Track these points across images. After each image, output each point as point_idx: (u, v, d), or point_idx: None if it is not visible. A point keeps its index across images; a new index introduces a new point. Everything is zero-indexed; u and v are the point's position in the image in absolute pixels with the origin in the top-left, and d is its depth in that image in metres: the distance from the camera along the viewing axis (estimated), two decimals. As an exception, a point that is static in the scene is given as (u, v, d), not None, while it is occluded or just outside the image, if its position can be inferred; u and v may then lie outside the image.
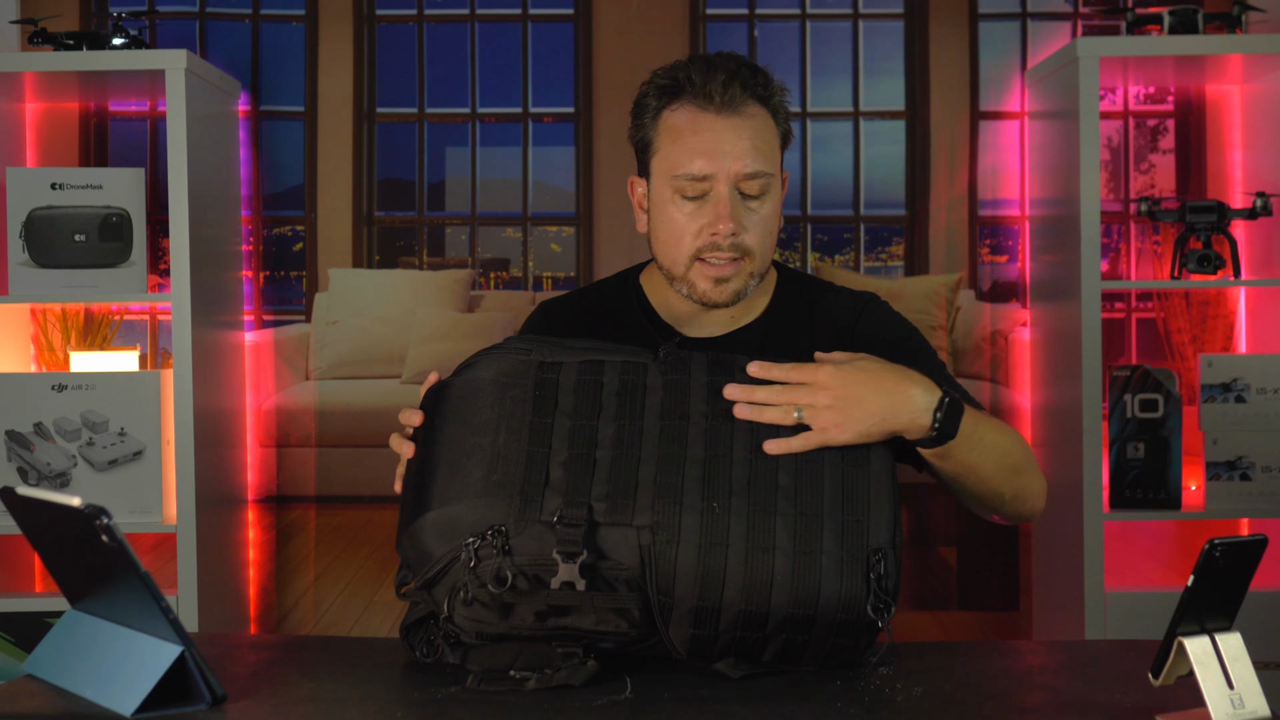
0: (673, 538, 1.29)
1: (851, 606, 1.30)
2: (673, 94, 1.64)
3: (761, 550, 1.29)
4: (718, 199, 1.60)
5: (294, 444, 2.89)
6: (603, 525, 1.30)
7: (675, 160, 1.62)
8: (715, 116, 1.61)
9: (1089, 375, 2.53)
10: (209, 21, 2.91)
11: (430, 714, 1.24)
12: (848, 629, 1.31)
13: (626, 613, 1.30)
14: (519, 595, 1.29)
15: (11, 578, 2.74)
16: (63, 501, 1.21)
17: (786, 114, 1.69)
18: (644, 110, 1.67)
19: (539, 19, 2.93)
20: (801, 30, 2.92)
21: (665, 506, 1.30)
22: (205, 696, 1.24)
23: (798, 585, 1.29)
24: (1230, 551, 1.15)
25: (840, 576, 1.29)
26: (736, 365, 1.41)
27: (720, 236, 1.60)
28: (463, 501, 1.32)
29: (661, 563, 1.29)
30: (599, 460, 1.33)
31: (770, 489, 1.32)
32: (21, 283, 2.58)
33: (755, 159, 1.61)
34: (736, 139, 1.60)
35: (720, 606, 1.29)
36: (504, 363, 1.40)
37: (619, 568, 1.29)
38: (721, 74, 1.61)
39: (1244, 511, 2.60)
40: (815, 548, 1.30)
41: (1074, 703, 1.26)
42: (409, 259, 2.92)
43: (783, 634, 1.31)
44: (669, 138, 1.64)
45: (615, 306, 1.76)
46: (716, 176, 1.60)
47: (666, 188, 1.64)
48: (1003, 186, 2.90)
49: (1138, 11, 2.65)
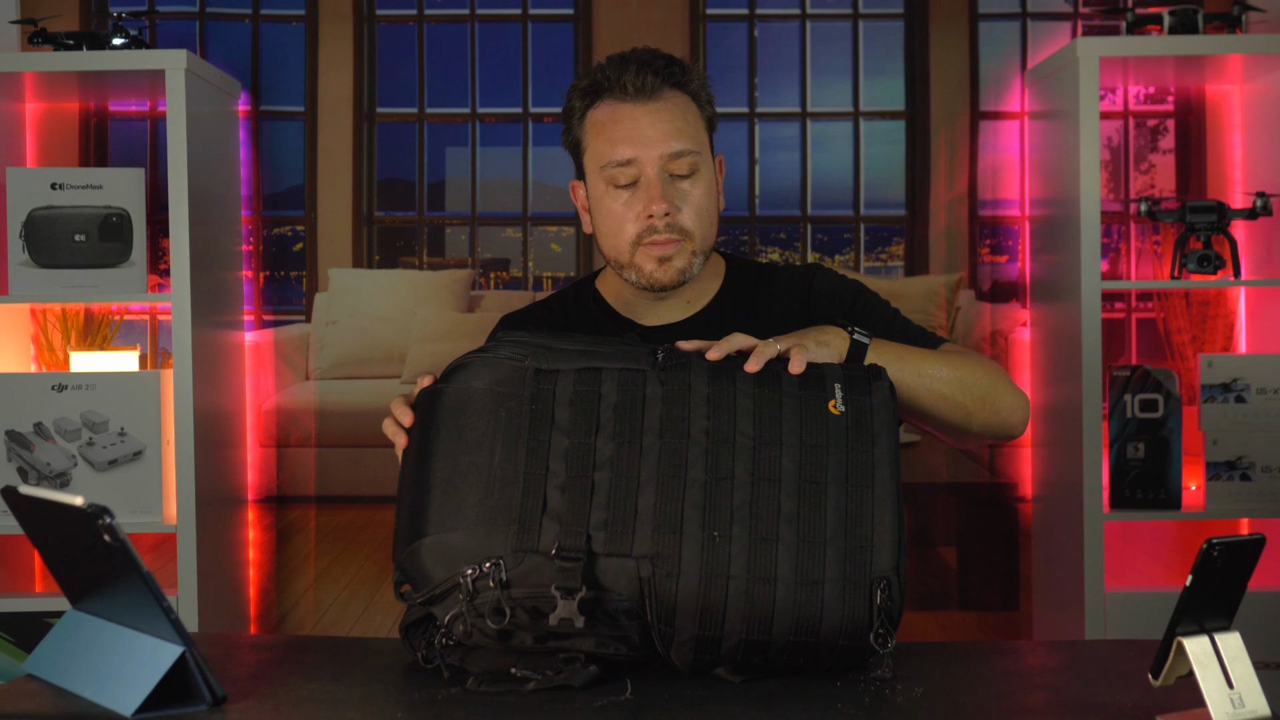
0: (672, 570, 1.27)
1: (854, 634, 1.29)
2: (594, 94, 1.71)
3: (763, 581, 1.27)
4: (648, 183, 1.67)
5: (294, 444, 2.89)
6: (601, 556, 1.28)
7: (601, 152, 1.69)
8: (633, 105, 1.68)
9: (1089, 375, 2.53)
10: (209, 21, 2.91)
11: (430, 715, 1.24)
12: (849, 654, 1.31)
13: (627, 639, 1.30)
14: (518, 626, 1.30)
15: (11, 578, 2.74)
16: (65, 501, 1.21)
17: (709, 99, 1.75)
18: (571, 114, 1.74)
19: (539, 19, 2.93)
20: (801, 30, 2.92)
21: (665, 536, 1.28)
22: (205, 697, 1.24)
23: (799, 614, 1.28)
24: (1228, 551, 1.15)
25: (843, 605, 1.28)
26: (738, 378, 1.37)
27: (656, 219, 1.66)
28: (459, 530, 1.29)
29: (661, 594, 1.27)
30: (597, 484, 1.30)
31: (772, 514, 1.30)
32: (21, 283, 2.58)
33: (678, 139, 1.67)
34: (655, 122, 1.67)
35: (721, 635, 1.28)
36: (498, 370, 1.36)
37: (618, 599, 1.28)
38: (633, 65, 1.68)
39: (1244, 511, 2.60)
40: (818, 577, 1.28)
41: (1074, 703, 1.26)
42: (409, 259, 2.92)
43: (784, 657, 1.31)
44: (594, 133, 1.71)
45: (574, 309, 1.81)
46: (641, 160, 1.66)
47: (600, 181, 1.70)
48: (1003, 186, 2.90)
49: (1138, 11, 2.65)
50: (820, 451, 1.33)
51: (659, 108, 1.68)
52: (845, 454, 1.33)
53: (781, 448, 1.32)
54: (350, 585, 2.89)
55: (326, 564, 2.89)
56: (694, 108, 1.71)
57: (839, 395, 1.36)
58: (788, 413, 1.34)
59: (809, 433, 1.33)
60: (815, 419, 1.34)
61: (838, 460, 1.32)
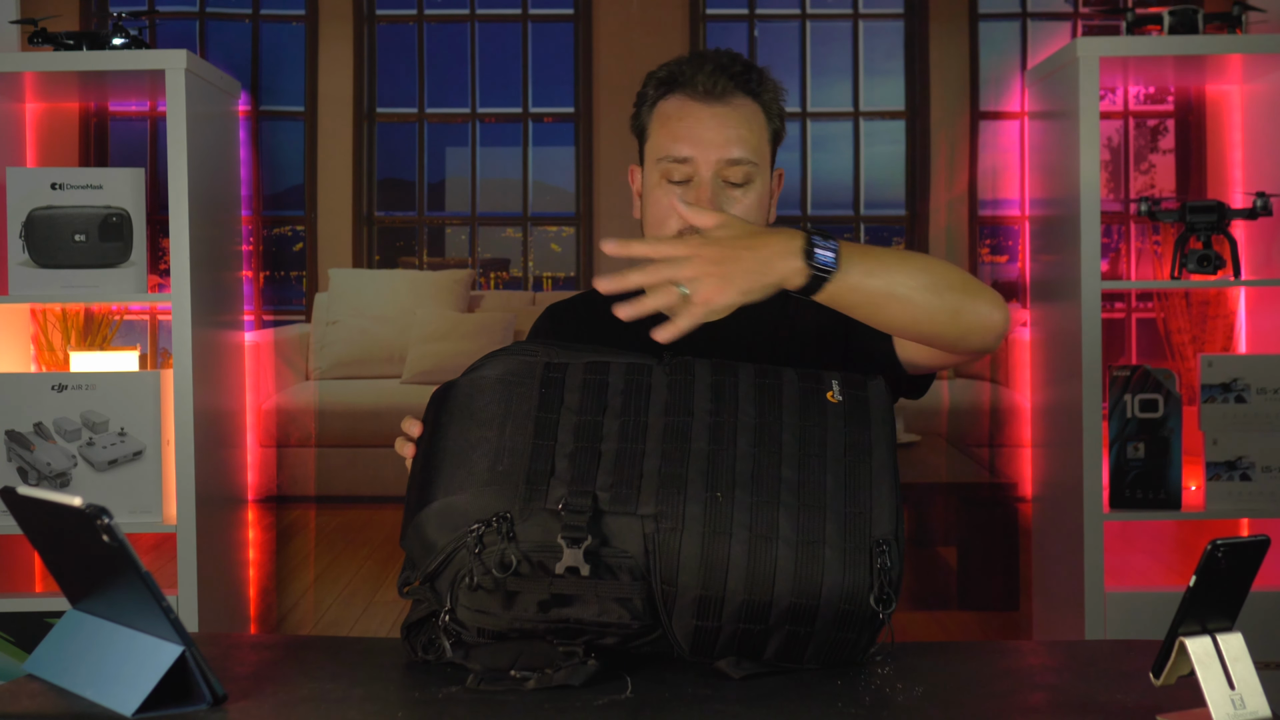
0: (676, 525, 1.30)
1: (854, 597, 1.30)
2: (668, 85, 1.72)
3: (765, 539, 1.30)
4: (699, 184, 1.67)
5: (294, 444, 2.89)
6: (607, 513, 1.31)
7: (661, 144, 1.70)
8: (701, 105, 1.69)
9: (1089, 375, 2.54)
10: (209, 21, 2.91)
11: (430, 714, 1.24)
12: (850, 621, 1.31)
13: (629, 603, 1.30)
14: (522, 582, 1.30)
15: (11, 578, 2.74)
16: (64, 501, 1.21)
17: (780, 112, 1.75)
18: (643, 100, 1.76)
19: (539, 19, 2.93)
20: (801, 30, 2.92)
21: (669, 496, 1.31)
22: (206, 696, 1.24)
23: (801, 575, 1.30)
24: (1233, 552, 1.15)
25: (843, 567, 1.30)
26: (740, 370, 1.43)
27: None
28: (468, 491, 1.32)
29: (665, 550, 1.30)
30: (604, 453, 1.34)
31: (774, 481, 1.33)
32: (21, 283, 2.58)
33: (738, 147, 1.68)
34: (720, 126, 1.68)
35: (724, 596, 1.30)
36: (510, 363, 1.42)
37: (623, 555, 1.30)
38: (710, 65, 1.69)
39: (1244, 511, 2.60)
40: (818, 537, 1.31)
41: (1074, 703, 1.26)
42: (409, 259, 2.92)
43: (785, 626, 1.31)
44: (658, 124, 1.72)
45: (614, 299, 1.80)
46: (698, 160, 1.67)
47: (655, 171, 1.71)
48: (1003, 186, 2.90)
49: (1138, 11, 2.65)
50: (819, 430, 1.38)
51: (726, 112, 1.69)
52: (843, 434, 1.38)
53: (782, 426, 1.38)
54: (350, 585, 2.88)
55: (326, 564, 2.89)
56: (762, 118, 1.72)
57: (836, 388, 1.42)
58: (787, 400, 1.40)
59: (809, 415, 1.39)
60: (814, 404, 1.40)
61: (836, 439, 1.38)
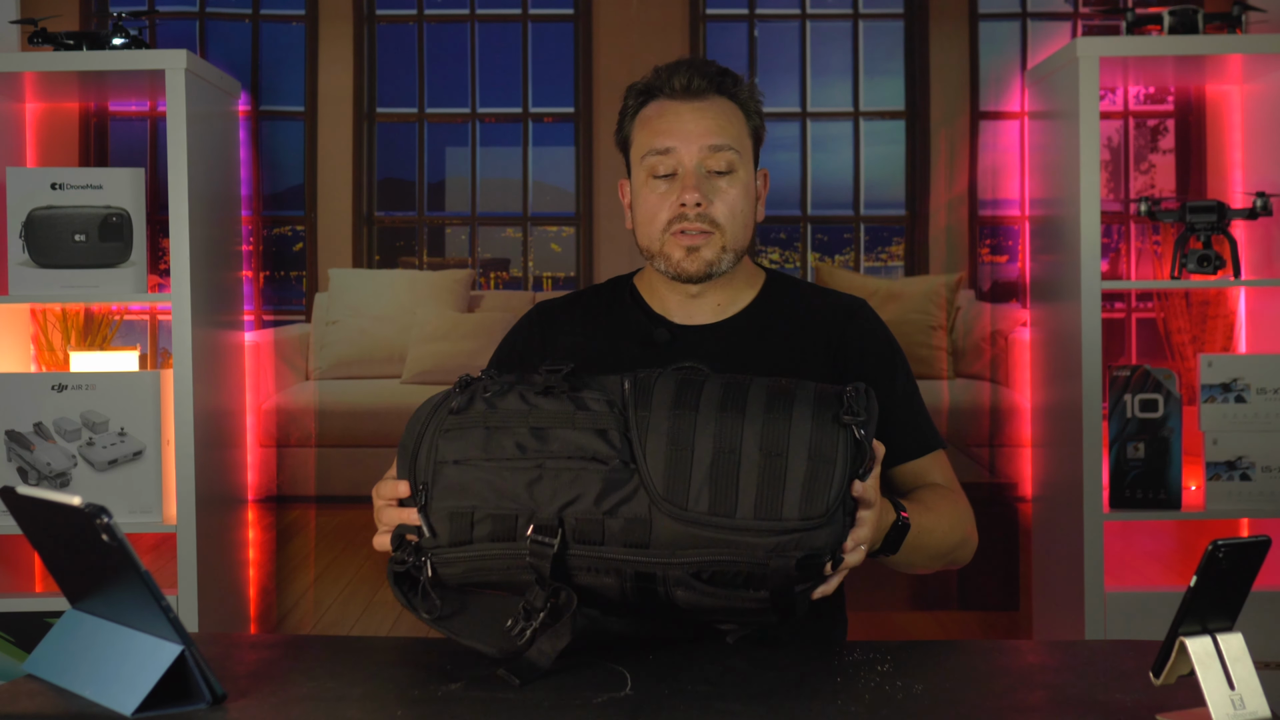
0: (645, 403, 1.39)
1: (823, 449, 1.35)
2: (647, 94, 1.81)
3: (732, 411, 1.38)
4: (684, 173, 1.75)
5: (294, 444, 2.89)
6: (586, 379, 1.44)
7: (644, 143, 1.78)
8: (679, 103, 1.77)
9: (1089, 375, 2.54)
10: (209, 21, 2.91)
11: (430, 713, 1.24)
12: (819, 480, 1.33)
13: (605, 434, 1.37)
14: (501, 416, 1.40)
15: (11, 578, 2.74)
16: (63, 501, 1.21)
17: (758, 110, 1.83)
18: (625, 113, 1.84)
19: (539, 19, 2.93)
20: (801, 30, 2.92)
21: (639, 401, 1.41)
22: (205, 696, 1.24)
23: (767, 430, 1.36)
24: (1233, 552, 1.15)
25: (811, 422, 1.36)
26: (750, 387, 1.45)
27: (688, 207, 1.73)
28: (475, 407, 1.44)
29: (639, 394, 1.40)
30: None
31: (738, 419, 1.38)
32: (21, 283, 2.58)
33: (718, 135, 1.75)
34: (698, 118, 1.76)
35: (693, 447, 1.35)
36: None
37: (602, 396, 1.40)
38: (685, 67, 1.78)
39: (1244, 512, 2.60)
40: (788, 412, 1.37)
41: (1074, 702, 1.26)
42: (409, 259, 2.92)
43: (754, 490, 1.33)
44: (640, 128, 1.80)
45: (610, 301, 1.89)
46: (680, 151, 1.75)
47: (641, 172, 1.78)
48: (1003, 186, 2.90)
49: (1138, 11, 2.65)
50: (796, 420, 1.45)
51: (703, 106, 1.77)
52: None
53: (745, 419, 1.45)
54: (350, 585, 2.89)
55: (326, 564, 2.89)
56: (740, 115, 1.80)
57: None
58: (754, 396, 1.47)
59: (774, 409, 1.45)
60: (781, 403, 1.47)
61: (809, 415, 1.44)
